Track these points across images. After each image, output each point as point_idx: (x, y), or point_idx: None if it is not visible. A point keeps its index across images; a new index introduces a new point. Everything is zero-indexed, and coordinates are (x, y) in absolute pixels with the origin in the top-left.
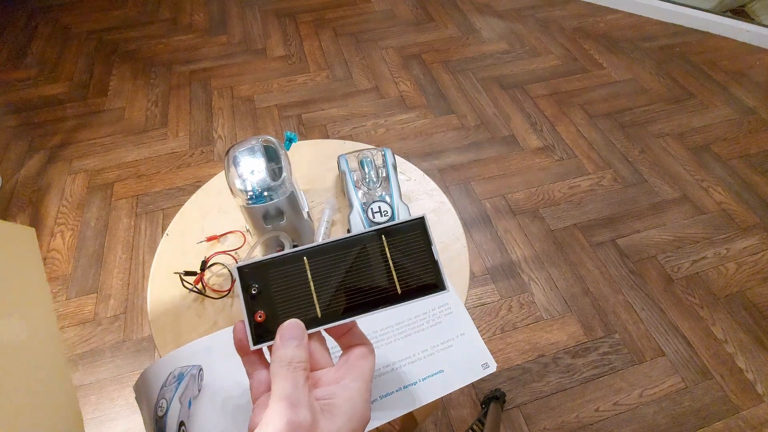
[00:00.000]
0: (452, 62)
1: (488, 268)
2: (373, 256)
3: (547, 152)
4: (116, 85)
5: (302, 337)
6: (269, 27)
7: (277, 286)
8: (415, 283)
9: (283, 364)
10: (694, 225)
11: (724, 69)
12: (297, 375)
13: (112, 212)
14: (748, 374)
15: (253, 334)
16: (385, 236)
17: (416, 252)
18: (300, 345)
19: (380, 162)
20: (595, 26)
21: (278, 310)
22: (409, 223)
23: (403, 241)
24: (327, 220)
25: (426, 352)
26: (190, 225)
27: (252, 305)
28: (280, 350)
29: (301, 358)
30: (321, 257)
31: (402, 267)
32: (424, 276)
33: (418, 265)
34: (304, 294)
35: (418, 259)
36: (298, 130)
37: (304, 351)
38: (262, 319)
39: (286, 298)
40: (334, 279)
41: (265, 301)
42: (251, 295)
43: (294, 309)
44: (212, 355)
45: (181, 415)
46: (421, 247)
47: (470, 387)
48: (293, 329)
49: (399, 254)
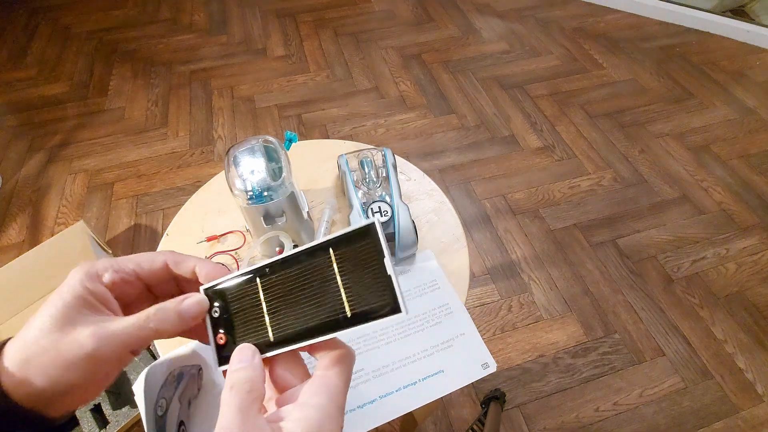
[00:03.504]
0: (452, 62)
1: (488, 268)
2: (321, 272)
3: (547, 152)
4: (116, 85)
5: (249, 359)
6: (269, 27)
7: (235, 307)
8: (367, 305)
9: (226, 388)
10: (694, 225)
11: (724, 69)
12: (239, 399)
13: (112, 212)
14: (748, 374)
15: (218, 356)
16: (333, 249)
17: (367, 266)
18: (245, 368)
19: (380, 162)
20: (595, 26)
21: (236, 333)
22: (356, 232)
23: (353, 254)
24: (327, 220)
25: (426, 352)
26: (190, 225)
27: (215, 327)
28: (228, 376)
29: (244, 380)
30: (271, 276)
31: (352, 285)
32: (376, 295)
33: (370, 282)
34: (257, 316)
35: (369, 274)
36: (298, 130)
37: (250, 372)
38: (222, 341)
39: (242, 320)
40: (285, 300)
41: (225, 323)
42: (213, 318)
43: (249, 332)
44: (212, 355)
45: (180, 414)
46: (373, 259)
47: (470, 387)
48: (239, 352)
49: (348, 270)
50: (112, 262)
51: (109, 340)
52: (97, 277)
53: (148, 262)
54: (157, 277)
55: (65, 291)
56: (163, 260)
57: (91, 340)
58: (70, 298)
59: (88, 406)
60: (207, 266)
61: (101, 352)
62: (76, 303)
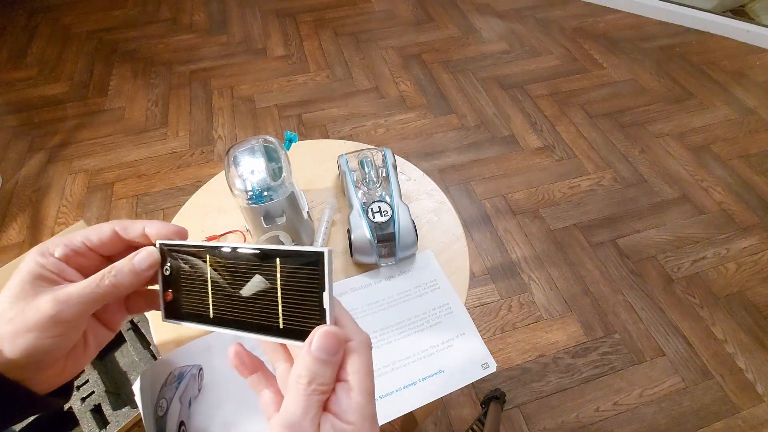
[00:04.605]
0: (452, 62)
1: (488, 268)
2: (266, 276)
3: (547, 152)
4: (116, 85)
5: (335, 351)
6: (269, 27)
7: (184, 273)
8: (298, 325)
9: (302, 381)
10: (694, 225)
11: (724, 69)
12: (312, 399)
13: (112, 212)
14: (748, 374)
15: (163, 309)
16: (280, 260)
17: (307, 291)
18: (328, 362)
19: (380, 162)
20: (595, 26)
21: (182, 296)
22: (306, 254)
23: (296, 274)
24: (327, 220)
25: (426, 352)
26: (190, 225)
27: (166, 283)
28: (304, 360)
29: (326, 379)
30: (221, 259)
31: (290, 301)
32: (308, 320)
33: (306, 307)
34: (202, 289)
35: (307, 299)
36: (298, 130)
37: (331, 370)
38: (169, 298)
39: (189, 288)
40: (229, 285)
41: (174, 283)
42: (164, 275)
43: (193, 300)
44: (212, 355)
45: (181, 415)
46: (314, 286)
47: (470, 387)
48: (324, 338)
49: (290, 286)
50: (62, 239)
51: (68, 301)
52: (49, 253)
53: (96, 231)
54: (108, 246)
55: (22, 269)
56: (110, 228)
57: (51, 303)
58: (26, 275)
59: (89, 407)
60: (156, 225)
61: (63, 314)
62: (32, 278)
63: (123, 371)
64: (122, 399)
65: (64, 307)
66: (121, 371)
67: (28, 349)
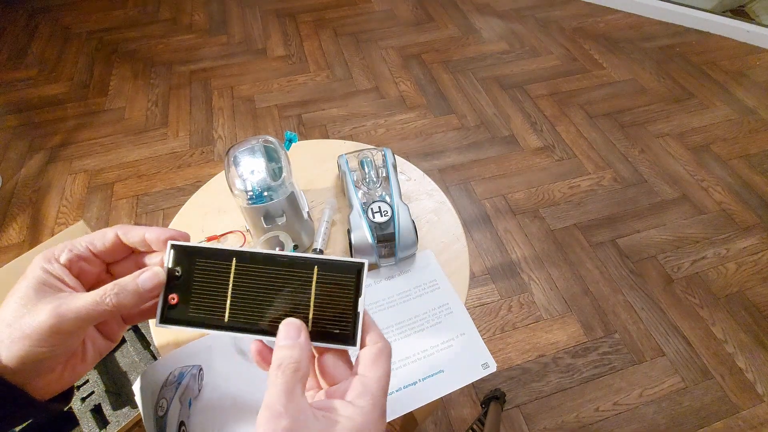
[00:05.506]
0: (452, 62)
1: (488, 268)
2: (299, 283)
3: (547, 152)
4: (116, 85)
5: (295, 336)
6: (269, 27)
7: (199, 276)
8: (328, 328)
9: (274, 366)
10: (694, 225)
11: (724, 69)
12: (285, 378)
13: (112, 212)
14: (748, 374)
15: (162, 312)
16: (318, 268)
17: (341, 296)
18: (292, 346)
19: (380, 162)
20: (595, 26)
21: (191, 300)
22: (346, 264)
23: (333, 281)
24: (327, 220)
25: (426, 352)
26: (190, 225)
27: (171, 285)
28: (275, 351)
29: (292, 359)
30: (250, 264)
31: (322, 306)
32: (339, 324)
33: (338, 311)
34: (219, 294)
35: (340, 304)
36: (298, 130)
37: (297, 351)
38: (174, 302)
39: (202, 292)
40: (253, 290)
41: (184, 286)
42: (173, 276)
43: (205, 305)
44: (212, 355)
45: (181, 415)
46: (349, 293)
47: (470, 387)
48: (285, 328)
49: (324, 292)
50: (67, 244)
51: (67, 315)
52: (54, 258)
53: (100, 237)
54: (111, 252)
55: (28, 275)
56: (113, 233)
57: (50, 314)
58: (32, 281)
59: (89, 406)
60: (156, 231)
61: (60, 326)
62: (37, 284)
63: (123, 371)
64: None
65: (63, 320)
66: (121, 371)
67: (22, 356)
